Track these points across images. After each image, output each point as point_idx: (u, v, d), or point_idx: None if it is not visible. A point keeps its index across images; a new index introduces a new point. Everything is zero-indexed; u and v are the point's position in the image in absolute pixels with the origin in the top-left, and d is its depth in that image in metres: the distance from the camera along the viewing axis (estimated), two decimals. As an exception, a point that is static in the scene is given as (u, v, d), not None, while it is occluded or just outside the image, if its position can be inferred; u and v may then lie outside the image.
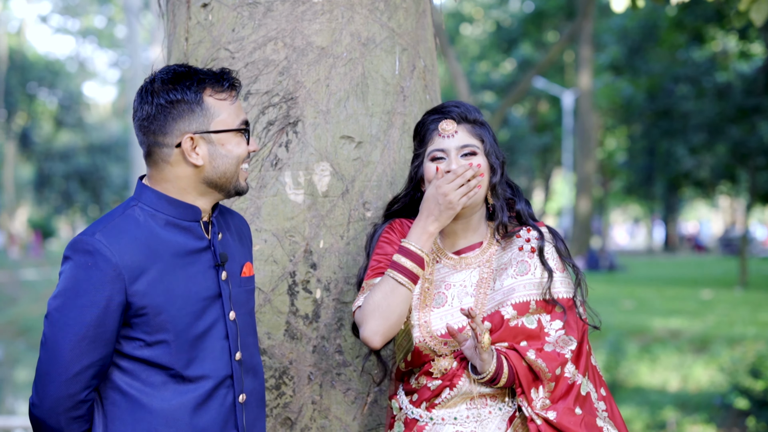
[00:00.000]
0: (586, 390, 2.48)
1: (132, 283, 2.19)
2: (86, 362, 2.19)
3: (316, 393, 2.87)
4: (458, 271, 2.58)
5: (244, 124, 2.32)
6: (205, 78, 2.28)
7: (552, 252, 2.57)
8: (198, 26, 2.99)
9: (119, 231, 2.22)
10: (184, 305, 2.24)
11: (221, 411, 2.29)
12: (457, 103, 2.60)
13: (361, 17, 2.97)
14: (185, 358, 2.25)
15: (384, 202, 2.94)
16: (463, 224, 2.59)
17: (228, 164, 2.29)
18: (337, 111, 2.93)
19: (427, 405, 2.53)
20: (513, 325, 2.49)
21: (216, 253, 2.33)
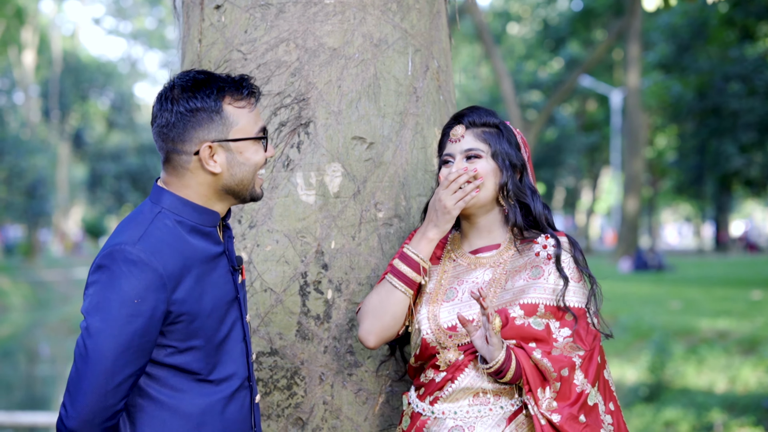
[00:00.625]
0: (594, 401, 2.47)
1: (173, 292, 2.19)
2: (129, 372, 2.17)
3: (328, 393, 2.88)
4: (473, 270, 2.62)
5: (262, 131, 2.33)
6: (224, 86, 2.27)
7: (569, 261, 2.58)
8: (211, 28, 3.01)
9: (158, 240, 2.21)
10: (213, 310, 2.27)
11: (242, 411, 2.34)
12: (472, 108, 2.67)
13: (374, 18, 2.97)
14: (212, 362, 2.28)
15: (395, 203, 2.96)
16: (475, 226, 2.65)
17: (246, 172, 2.30)
18: (349, 112, 2.93)
19: (431, 399, 2.55)
20: (519, 324, 2.50)
21: (232, 257, 2.37)
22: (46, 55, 47.80)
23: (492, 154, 2.59)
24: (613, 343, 12.68)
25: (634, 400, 10.58)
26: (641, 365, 11.25)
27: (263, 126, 2.34)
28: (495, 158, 2.59)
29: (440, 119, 3.12)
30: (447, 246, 2.72)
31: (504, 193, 2.60)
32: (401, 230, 2.96)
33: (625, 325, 13.28)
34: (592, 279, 2.60)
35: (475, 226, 2.65)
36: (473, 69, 45.96)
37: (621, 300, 16.46)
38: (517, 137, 2.68)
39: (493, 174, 2.59)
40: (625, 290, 18.79)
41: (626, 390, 10.94)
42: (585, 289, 2.58)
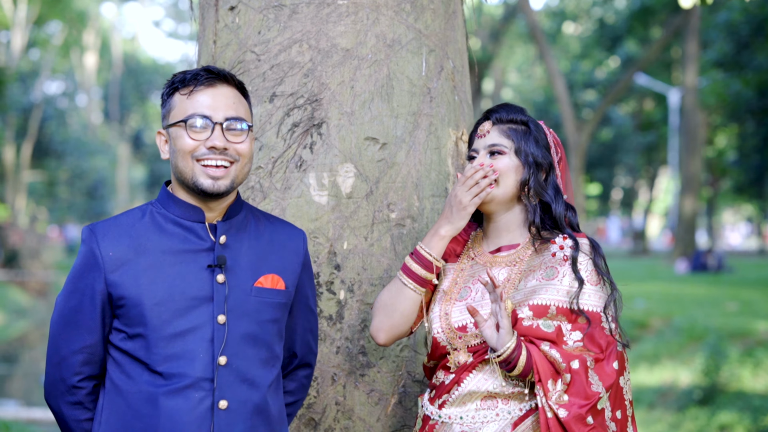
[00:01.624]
0: (602, 405, 2.43)
1: (111, 273, 2.26)
2: (74, 347, 2.29)
3: (340, 394, 2.88)
4: (491, 269, 2.59)
5: (191, 116, 2.29)
6: (180, 77, 2.34)
7: (587, 264, 2.53)
8: (225, 29, 3.03)
9: (114, 224, 2.32)
10: (166, 301, 2.26)
11: (194, 413, 2.24)
12: (502, 105, 2.66)
13: (387, 19, 2.96)
14: (161, 354, 2.25)
15: (408, 204, 2.95)
16: (495, 224, 2.63)
17: (178, 158, 2.31)
18: (362, 112, 2.93)
19: (440, 403, 2.53)
20: (527, 326, 2.46)
21: (215, 254, 2.33)
22: (107, 57, 48.68)
23: (515, 150, 2.57)
24: (666, 344, 12.52)
25: (687, 403, 10.41)
26: (695, 368, 11.06)
27: (197, 112, 2.29)
28: (518, 155, 2.57)
29: (455, 120, 3.10)
30: (468, 244, 2.70)
31: (525, 190, 2.57)
32: (414, 231, 2.95)
33: (679, 327, 13.08)
34: (612, 285, 2.54)
35: (496, 224, 2.62)
36: (528, 69, 45.70)
37: (676, 301, 16.24)
38: (548, 137, 2.64)
39: (515, 171, 2.56)
40: (681, 291, 18.54)
41: (680, 393, 10.77)
42: (603, 293, 2.52)
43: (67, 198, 41.22)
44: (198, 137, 2.29)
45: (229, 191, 2.33)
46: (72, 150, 38.12)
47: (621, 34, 32.79)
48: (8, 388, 15.99)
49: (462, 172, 2.81)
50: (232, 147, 2.31)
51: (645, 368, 11.66)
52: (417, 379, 2.94)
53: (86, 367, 2.30)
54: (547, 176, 2.60)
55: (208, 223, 2.36)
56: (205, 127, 2.29)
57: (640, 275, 24.60)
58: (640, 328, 13.96)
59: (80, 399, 2.32)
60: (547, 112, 36.93)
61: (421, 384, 2.95)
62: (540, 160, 2.58)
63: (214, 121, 2.29)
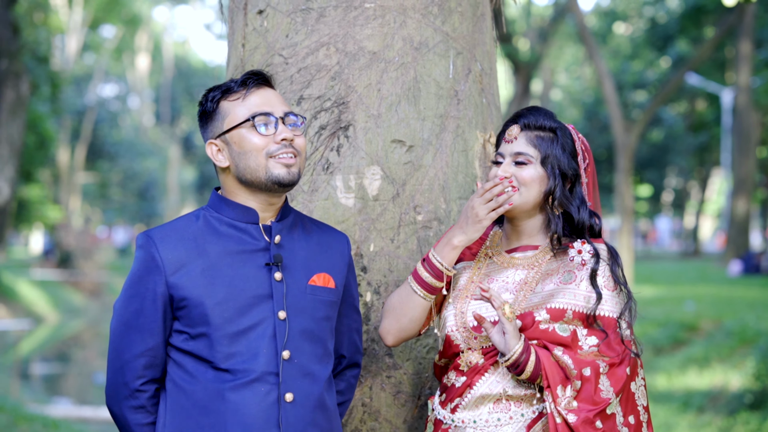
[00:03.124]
0: (612, 410, 2.41)
1: (171, 276, 2.33)
2: (136, 351, 2.34)
3: (366, 395, 2.89)
4: (505, 269, 2.59)
5: (255, 115, 2.37)
6: (224, 86, 2.42)
7: (604, 270, 2.52)
8: (254, 32, 3.06)
9: (170, 229, 2.39)
10: (226, 300, 2.33)
11: (261, 406, 2.32)
12: (531, 109, 2.62)
13: (414, 22, 2.97)
14: (225, 351, 2.32)
15: (435, 206, 2.95)
16: (517, 229, 2.62)
17: (247, 159, 2.38)
18: (389, 115, 2.94)
19: (452, 406, 2.53)
20: (543, 329, 2.46)
21: (271, 253, 2.41)
22: (159, 60, 49.31)
23: (541, 160, 2.54)
24: (716, 348, 12.33)
25: (738, 407, 10.25)
26: (746, 371, 10.89)
27: (258, 111, 2.37)
28: (544, 165, 2.54)
29: (482, 122, 3.10)
30: (486, 242, 2.69)
31: (549, 201, 2.56)
32: (440, 233, 2.95)
33: (730, 330, 12.88)
34: (628, 293, 2.53)
35: (516, 228, 2.61)
36: (577, 69, 45.34)
37: (727, 304, 16.00)
38: (576, 144, 2.61)
39: (540, 181, 2.54)
40: (732, 294, 18.25)
41: (730, 396, 10.61)
42: (619, 299, 2.51)
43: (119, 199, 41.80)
44: (265, 133, 2.38)
45: (297, 182, 2.42)
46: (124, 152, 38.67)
47: (672, 33, 32.39)
48: (62, 387, 16.27)
49: (488, 175, 2.81)
50: (295, 140, 2.41)
51: (695, 371, 11.51)
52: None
53: (148, 371, 2.36)
54: (572, 186, 2.58)
55: (261, 224, 2.44)
56: (268, 123, 2.38)
57: (691, 277, 24.28)
58: (690, 331, 13.78)
59: (143, 403, 2.37)
60: (595, 113, 36.63)
61: (447, 386, 2.95)
62: (566, 170, 2.55)
63: (276, 116, 2.39)
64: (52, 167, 32.83)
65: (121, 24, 40.17)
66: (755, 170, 29.44)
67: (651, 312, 15.13)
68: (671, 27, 32.16)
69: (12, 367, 16.27)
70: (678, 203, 47.28)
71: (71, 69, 34.12)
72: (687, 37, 32.75)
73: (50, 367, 18.22)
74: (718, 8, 28.65)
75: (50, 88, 22.01)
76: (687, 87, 32.65)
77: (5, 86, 11.87)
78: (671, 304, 16.58)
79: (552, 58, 37.63)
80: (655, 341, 13.32)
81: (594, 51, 21.81)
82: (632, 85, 35.53)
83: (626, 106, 33.37)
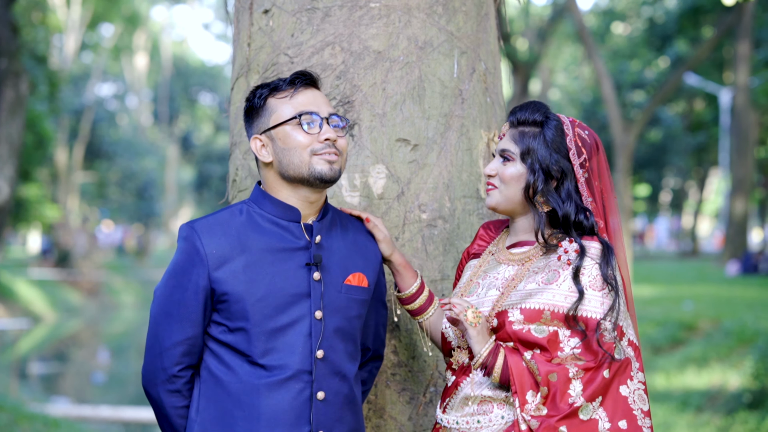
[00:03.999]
0: (589, 416, 2.33)
1: (215, 270, 2.38)
2: (176, 339, 2.41)
3: (372, 392, 2.91)
4: (498, 266, 2.57)
5: (302, 113, 2.43)
6: (273, 84, 2.49)
7: (591, 268, 2.43)
8: (259, 32, 3.08)
9: (214, 222, 2.44)
10: (266, 297, 2.39)
11: (294, 403, 2.39)
12: (523, 105, 2.57)
13: (419, 21, 2.99)
14: (262, 347, 2.38)
15: (440, 205, 2.97)
16: (513, 224, 2.60)
17: (291, 156, 2.44)
18: (394, 114, 2.96)
19: (444, 406, 2.54)
20: (517, 329, 2.41)
21: (312, 253, 2.46)
22: (157, 60, 49.27)
23: (520, 156, 2.50)
24: (715, 347, 12.34)
25: (737, 406, 10.27)
26: (745, 371, 10.91)
27: (305, 110, 2.44)
28: (524, 160, 2.49)
29: (486, 121, 3.11)
30: (496, 239, 2.68)
31: (528, 196, 2.49)
32: (445, 231, 2.97)
33: (729, 330, 12.90)
34: (615, 293, 2.42)
35: (514, 224, 2.59)
36: (575, 69, 45.35)
37: (725, 304, 16.01)
38: (567, 138, 2.50)
39: (520, 177, 2.50)
40: (731, 294, 18.27)
41: (729, 396, 10.63)
42: (606, 300, 2.41)
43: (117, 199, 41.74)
44: (311, 131, 2.43)
45: (338, 178, 2.48)
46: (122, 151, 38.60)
47: (671, 33, 32.40)
48: (60, 386, 16.28)
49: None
50: (338, 140, 2.47)
51: (693, 371, 11.53)
52: (448, 379, 2.95)
53: (186, 358, 2.43)
54: (559, 182, 2.49)
55: (302, 222, 2.49)
56: (312, 122, 2.44)
57: (690, 277, 24.29)
58: (688, 331, 13.80)
59: (179, 387, 2.44)
60: (594, 113, 36.61)
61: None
62: (548, 165, 2.48)
63: (321, 116, 2.45)
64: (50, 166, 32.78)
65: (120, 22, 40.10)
66: (753, 170, 29.46)
67: (649, 312, 15.16)
68: (669, 27, 32.18)
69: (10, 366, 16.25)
70: (676, 203, 47.30)
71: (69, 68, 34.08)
72: (685, 37, 32.77)
73: (48, 367, 18.23)
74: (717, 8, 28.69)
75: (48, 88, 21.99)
76: (685, 87, 32.67)
77: (5, 86, 11.86)
78: (669, 304, 16.61)
79: (550, 58, 37.64)
80: (654, 341, 13.34)
81: (593, 50, 21.81)
82: (630, 85, 35.53)
83: (624, 106, 33.36)
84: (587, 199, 2.52)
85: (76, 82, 37.48)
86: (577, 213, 2.49)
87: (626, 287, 2.53)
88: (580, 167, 2.51)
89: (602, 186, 2.56)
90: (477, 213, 3.04)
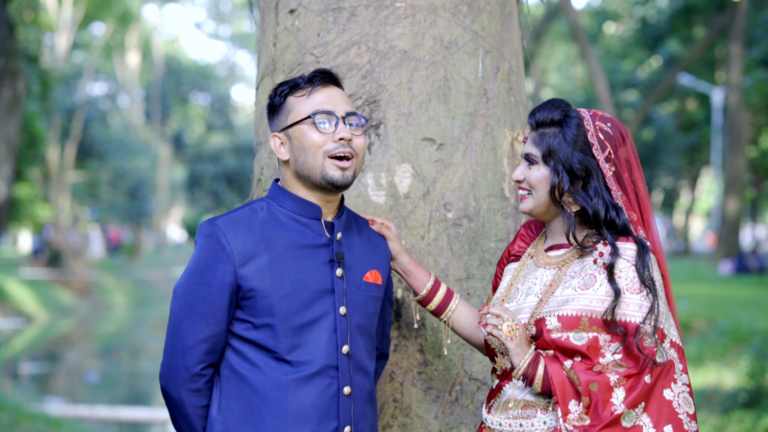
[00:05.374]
0: (632, 423, 2.30)
1: (241, 267, 2.37)
2: (200, 337, 2.39)
3: (398, 391, 2.92)
4: (536, 269, 2.53)
5: (317, 113, 2.42)
6: (293, 82, 2.48)
7: (627, 270, 2.39)
8: (285, 32, 3.08)
9: (237, 219, 2.43)
10: (292, 293, 2.39)
11: (322, 398, 2.40)
12: (541, 106, 2.51)
13: (444, 20, 2.99)
14: (289, 343, 2.38)
15: (465, 204, 2.97)
16: (548, 227, 2.57)
17: (305, 155, 2.44)
18: (419, 113, 2.96)
19: (488, 407, 2.53)
20: (555, 338, 2.38)
21: (333, 250, 2.47)
22: (149, 59, 49.13)
23: (542, 158, 2.46)
24: (710, 346, 12.38)
25: (732, 405, 10.31)
26: (740, 370, 10.94)
27: (321, 109, 2.43)
28: (546, 162, 2.45)
29: (511, 120, 3.12)
30: (534, 241, 2.64)
31: (555, 197, 2.45)
32: (470, 231, 2.97)
33: (723, 329, 12.94)
34: (654, 295, 2.36)
35: (549, 227, 2.56)
36: (568, 69, 45.43)
37: (720, 303, 16.05)
38: (588, 134, 2.45)
39: (546, 180, 2.46)
40: (724, 293, 18.31)
41: (724, 395, 10.67)
42: (644, 303, 2.36)
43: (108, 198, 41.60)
44: (325, 130, 2.43)
45: (351, 184, 2.48)
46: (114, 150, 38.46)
47: (663, 33, 32.49)
48: (52, 386, 16.23)
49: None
50: (354, 140, 2.46)
51: (689, 370, 11.54)
52: (474, 377, 2.96)
53: (209, 356, 2.41)
54: (585, 180, 2.44)
55: (323, 220, 2.50)
56: (328, 121, 2.43)
57: (683, 276, 24.34)
58: (683, 330, 13.82)
59: (200, 386, 2.42)
60: (587, 113, 36.57)
61: (479, 382, 2.97)
62: (572, 164, 2.43)
63: (337, 116, 2.44)
64: (42, 166, 32.67)
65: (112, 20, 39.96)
66: (745, 169, 29.55)
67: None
68: (662, 27, 32.27)
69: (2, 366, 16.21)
70: (668, 203, 47.42)
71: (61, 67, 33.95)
72: (678, 36, 32.86)
73: (40, 367, 18.16)
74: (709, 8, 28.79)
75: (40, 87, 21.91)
76: (677, 86, 32.74)
77: (2, 85, 11.81)
78: (664, 303, 16.60)
79: (543, 58, 37.68)
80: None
81: (587, 50, 21.87)
82: (623, 85, 35.61)
83: (617, 106, 33.43)
84: (617, 193, 2.46)
85: (68, 81, 37.34)
86: (608, 210, 2.43)
87: (667, 283, 2.48)
88: (606, 161, 2.45)
89: (633, 177, 2.50)
90: (501, 212, 3.04)
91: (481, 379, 2.97)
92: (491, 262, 2.99)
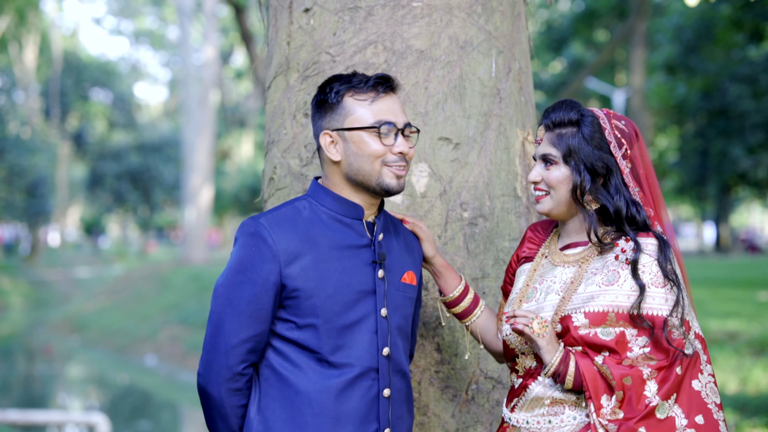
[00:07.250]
0: (666, 414, 2.35)
1: (286, 266, 2.35)
2: (243, 336, 2.35)
3: (415, 390, 2.92)
4: (555, 267, 2.55)
5: (382, 123, 2.40)
6: (351, 80, 2.43)
7: (651, 265, 2.42)
8: (300, 30, 3.06)
9: (281, 218, 2.40)
10: (335, 294, 2.37)
11: (363, 401, 2.39)
12: (555, 106, 2.53)
13: (459, 20, 3.01)
14: (332, 343, 2.37)
15: (480, 203, 2.99)
16: (564, 227, 2.59)
17: (361, 161, 2.42)
18: (435, 113, 2.98)
19: (511, 406, 2.54)
20: (583, 334, 2.41)
21: (375, 251, 2.45)
22: (47, 54, 47.75)
23: (563, 158, 2.48)
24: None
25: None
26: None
27: (387, 120, 2.41)
28: (567, 162, 2.48)
29: (522, 120, 3.15)
30: (546, 242, 2.66)
31: (576, 196, 2.47)
32: (486, 230, 3.00)
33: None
34: (678, 287, 2.41)
35: (566, 226, 2.58)
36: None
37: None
38: (606, 132, 2.48)
39: (566, 180, 2.48)
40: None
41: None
42: (670, 296, 2.40)
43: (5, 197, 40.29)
44: (386, 142, 2.41)
45: (402, 190, 2.48)
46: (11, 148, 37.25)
47: (567, 36, 33.23)
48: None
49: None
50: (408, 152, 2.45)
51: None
52: (490, 376, 2.98)
53: (251, 355, 2.38)
54: (605, 178, 2.48)
55: (364, 220, 2.49)
56: (390, 132, 2.41)
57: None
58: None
59: (241, 386, 2.39)
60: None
61: (494, 381, 2.99)
62: (592, 163, 2.46)
63: (398, 127, 2.43)
64: (-65, 163, 31.48)
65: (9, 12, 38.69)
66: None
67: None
68: (566, 30, 33.00)
69: None
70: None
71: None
72: (581, 39, 33.66)
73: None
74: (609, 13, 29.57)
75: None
76: (581, 88, 33.53)
77: None
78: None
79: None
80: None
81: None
82: (529, 86, 36.23)
83: (523, 107, 33.95)
84: (634, 190, 2.50)
85: (-38, 75, 36.03)
86: (628, 207, 2.47)
87: (684, 277, 2.52)
88: (623, 159, 2.49)
89: (647, 172, 2.55)
90: (515, 211, 3.07)
91: (497, 377, 3.00)
92: (505, 261, 3.02)
